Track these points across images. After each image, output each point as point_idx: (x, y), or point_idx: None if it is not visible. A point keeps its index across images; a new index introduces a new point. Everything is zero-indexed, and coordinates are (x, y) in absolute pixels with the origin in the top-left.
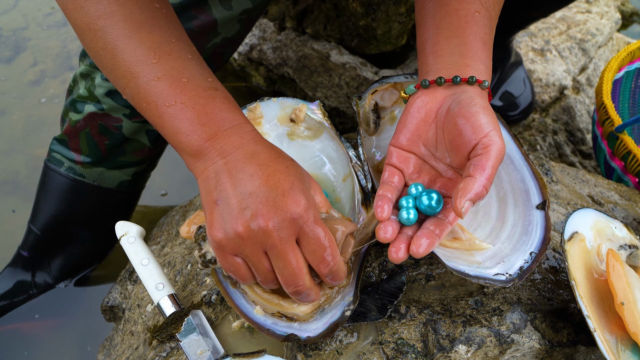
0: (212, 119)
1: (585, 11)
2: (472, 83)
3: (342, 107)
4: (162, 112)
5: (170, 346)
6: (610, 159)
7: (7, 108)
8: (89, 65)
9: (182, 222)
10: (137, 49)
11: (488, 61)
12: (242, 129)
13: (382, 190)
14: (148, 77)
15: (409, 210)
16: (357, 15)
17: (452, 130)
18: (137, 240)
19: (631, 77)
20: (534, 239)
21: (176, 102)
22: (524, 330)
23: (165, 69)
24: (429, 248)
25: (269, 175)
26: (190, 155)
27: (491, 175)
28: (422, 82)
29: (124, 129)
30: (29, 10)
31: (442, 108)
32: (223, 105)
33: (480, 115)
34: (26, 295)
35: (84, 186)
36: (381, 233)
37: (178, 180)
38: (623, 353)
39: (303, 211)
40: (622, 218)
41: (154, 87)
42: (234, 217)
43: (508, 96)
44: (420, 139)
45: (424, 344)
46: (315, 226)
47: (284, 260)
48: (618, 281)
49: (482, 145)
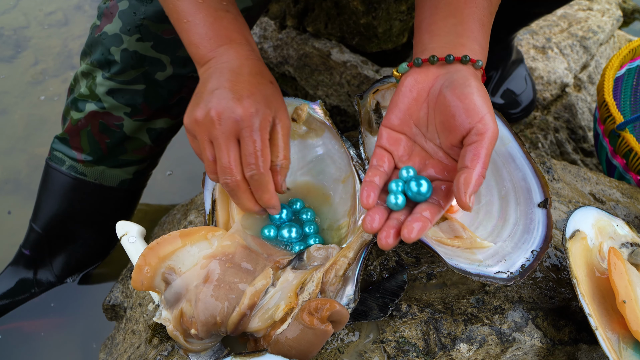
0: (217, 35)
1: (586, 9)
2: (466, 62)
3: (343, 106)
4: (181, 27)
5: (171, 345)
6: (611, 156)
7: (8, 107)
8: (90, 64)
9: (184, 220)
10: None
11: (484, 42)
12: (242, 48)
13: (370, 175)
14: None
15: (397, 196)
16: (358, 13)
17: (444, 111)
18: (138, 239)
19: (633, 75)
20: (536, 237)
21: (190, 20)
22: (526, 329)
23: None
24: (420, 232)
25: (238, 82)
26: (198, 63)
27: (487, 162)
28: (415, 61)
29: (124, 128)
30: (30, 9)
31: (435, 87)
32: (229, 25)
33: (474, 96)
34: (28, 293)
35: (85, 185)
36: (367, 223)
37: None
38: (625, 351)
39: (247, 116)
40: (624, 216)
41: (178, 5)
42: (197, 106)
43: (509, 94)
44: (412, 119)
45: (426, 343)
46: (253, 134)
47: (219, 152)
48: (620, 279)
49: (476, 131)
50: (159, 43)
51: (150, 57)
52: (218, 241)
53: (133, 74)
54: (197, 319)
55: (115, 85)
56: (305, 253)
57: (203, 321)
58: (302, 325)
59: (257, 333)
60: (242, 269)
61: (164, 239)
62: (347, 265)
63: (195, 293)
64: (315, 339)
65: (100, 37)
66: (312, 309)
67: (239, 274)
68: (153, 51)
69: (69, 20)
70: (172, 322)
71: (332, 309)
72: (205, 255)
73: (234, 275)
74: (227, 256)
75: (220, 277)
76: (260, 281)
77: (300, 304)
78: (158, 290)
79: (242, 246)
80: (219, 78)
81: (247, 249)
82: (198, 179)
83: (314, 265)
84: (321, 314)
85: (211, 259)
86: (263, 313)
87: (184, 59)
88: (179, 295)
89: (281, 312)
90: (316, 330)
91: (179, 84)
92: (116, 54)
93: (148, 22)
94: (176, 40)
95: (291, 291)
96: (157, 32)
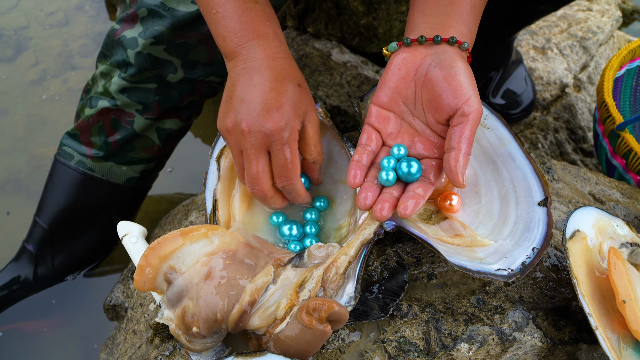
0: (244, 29)
1: (586, 9)
2: (452, 43)
3: (343, 106)
4: (210, 18)
5: (172, 345)
6: (611, 157)
7: (9, 107)
8: (109, 65)
9: (185, 221)
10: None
11: (473, 25)
12: (269, 43)
13: (358, 155)
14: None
15: (389, 172)
16: (358, 14)
17: (431, 90)
18: (139, 240)
19: (632, 75)
20: (536, 235)
21: (219, 11)
22: (526, 329)
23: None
24: (415, 208)
25: (267, 90)
26: (226, 57)
27: (472, 141)
28: (404, 40)
29: (135, 125)
30: (31, 9)
31: (422, 67)
32: (257, 18)
33: (461, 77)
34: (27, 289)
35: (92, 180)
36: (361, 201)
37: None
38: (625, 351)
39: (276, 130)
40: (624, 216)
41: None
42: (227, 114)
43: (510, 94)
44: (400, 97)
45: (426, 343)
46: (283, 147)
47: (248, 163)
48: (619, 279)
49: (462, 112)
50: (171, 47)
51: (162, 59)
52: (218, 239)
53: (146, 74)
54: (199, 316)
55: (129, 85)
56: (306, 251)
57: (204, 318)
58: (301, 325)
59: (258, 330)
60: (243, 264)
61: (165, 238)
62: (348, 263)
63: (197, 290)
64: (314, 339)
65: (119, 39)
66: (310, 309)
67: (241, 270)
68: (165, 54)
69: (70, 20)
70: (175, 321)
71: (331, 309)
72: (206, 252)
73: (236, 272)
74: (228, 253)
75: (222, 273)
76: (260, 278)
77: (300, 302)
78: (160, 290)
79: (243, 243)
80: (246, 84)
81: (249, 245)
82: (199, 178)
83: (314, 263)
84: (319, 314)
85: (212, 256)
86: (263, 311)
87: (192, 62)
88: (181, 294)
89: (282, 310)
90: (315, 330)
91: (190, 87)
92: (132, 56)
93: (165, 30)
94: (186, 44)
95: (291, 289)
96: (170, 37)
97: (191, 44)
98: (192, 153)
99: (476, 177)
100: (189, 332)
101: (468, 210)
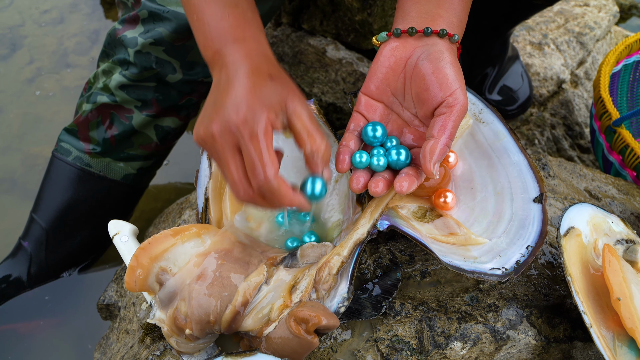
0: (222, 35)
1: (583, 4)
2: (443, 36)
3: (338, 103)
4: (192, 24)
5: (164, 344)
6: (608, 152)
7: (4, 106)
8: (111, 62)
9: (178, 219)
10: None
11: (463, 15)
12: (246, 46)
13: (345, 140)
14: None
15: (380, 158)
16: (353, 10)
17: (419, 83)
18: (130, 238)
19: (629, 71)
20: (531, 232)
21: (198, 17)
22: (520, 327)
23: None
24: (410, 186)
25: (237, 90)
26: (207, 62)
27: (452, 133)
28: (394, 31)
29: (133, 121)
30: (25, 7)
31: (412, 59)
32: (235, 22)
33: (448, 70)
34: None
35: (89, 176)
36: (354, 184)
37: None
38: (620, 349)
39: (241, 124)
40: (620, 212)
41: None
42: (200, 121)
43: (506, 90)
44: (389, 88)
45: (419, 341)
46: (251, 140)
47: (223, 169)
48: (614, 276)
49: (446, 104)
50: (170, 49)
51: (162, 59)
52: (211, 238)
53: (146, 74)
54: (192, 317)
55: (128, 82)
56: (299, 251)
57: (197, 319)
58: (289, 331)
59: (251, 332)
60: (237, 264)
61: (156, 238)
62: (341, 264)
63: (189, 291)
64: (300, 347)
65: (120, 39)
66: (299, 318)
67: (234, 269)
68: (164, 54)
69: (64, 18)
70: (167, 323)
71: (319, 324)
72: (198, 252)
73: (229, 271)
74: (221, 252)
75: (214, 274)
76: (254, 277)
77: (293, 304)
78: (152, 290)
79: (236, 242)
80: (219, 91)
81: (241, 244)
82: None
83: (307, 263)
84: (307, 326)
85: (204, 257)
86: (257, 313)
87: (191, 63)
88: (173, 295)
89: (276, 312)
90: (302, 339)
91: (190, 88)
92: (132, 55)
93: (167, 34)
94: (185, 46)
95: (285, 290)
96: (170, 40)
97: (190, 45)
98: (188, 150)
99: (471, 173)
100: (181, 333)
101: (463, 207)
